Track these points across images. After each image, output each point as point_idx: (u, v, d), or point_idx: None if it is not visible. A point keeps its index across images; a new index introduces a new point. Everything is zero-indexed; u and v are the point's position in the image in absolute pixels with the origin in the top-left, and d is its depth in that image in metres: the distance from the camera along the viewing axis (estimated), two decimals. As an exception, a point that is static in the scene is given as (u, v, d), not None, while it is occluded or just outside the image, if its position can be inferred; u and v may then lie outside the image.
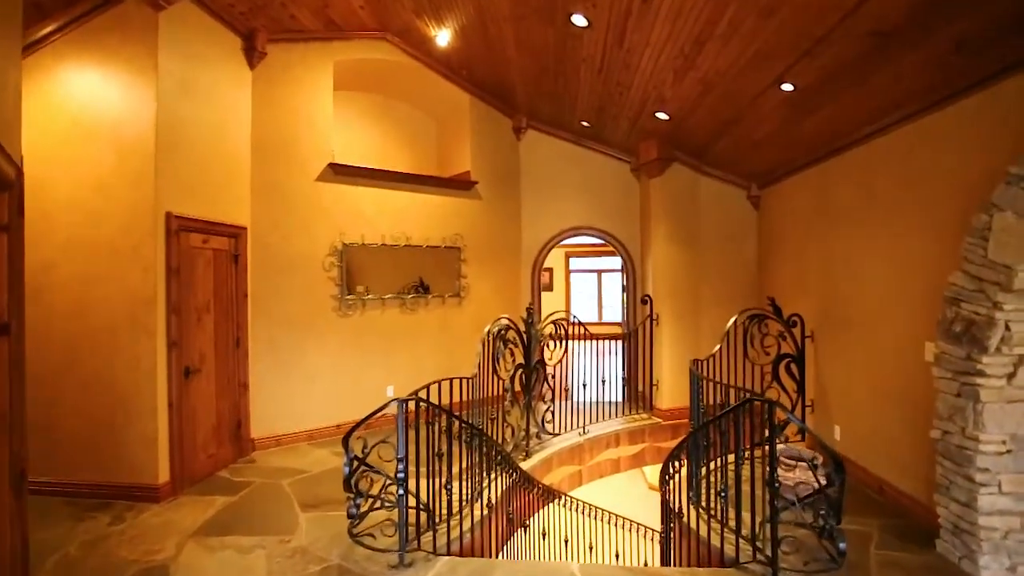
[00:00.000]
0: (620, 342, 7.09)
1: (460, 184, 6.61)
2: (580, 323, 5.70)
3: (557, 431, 5.39)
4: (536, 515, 4.68)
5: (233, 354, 4.83)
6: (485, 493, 3.61)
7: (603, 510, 5.09)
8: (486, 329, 4.25)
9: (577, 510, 5.00)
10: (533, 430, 5.02)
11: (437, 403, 3.28)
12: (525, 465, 4.68)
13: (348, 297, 5.74)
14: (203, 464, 4.30)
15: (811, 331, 4.76)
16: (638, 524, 5.12)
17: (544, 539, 4.56)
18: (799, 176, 5.25)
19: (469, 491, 3.47)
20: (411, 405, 3.00)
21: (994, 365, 2.70)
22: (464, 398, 4.21)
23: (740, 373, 4.61)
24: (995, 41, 2.63)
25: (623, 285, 7.33)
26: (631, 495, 5.79)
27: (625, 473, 6.08)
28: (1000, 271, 2.59)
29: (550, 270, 13.92)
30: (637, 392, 6.56)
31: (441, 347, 6.30)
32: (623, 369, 6.77)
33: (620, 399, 6.52)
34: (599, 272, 14.10)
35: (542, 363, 4.99)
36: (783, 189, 5.70)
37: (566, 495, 5.03)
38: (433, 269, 6.38)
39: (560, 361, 5.36)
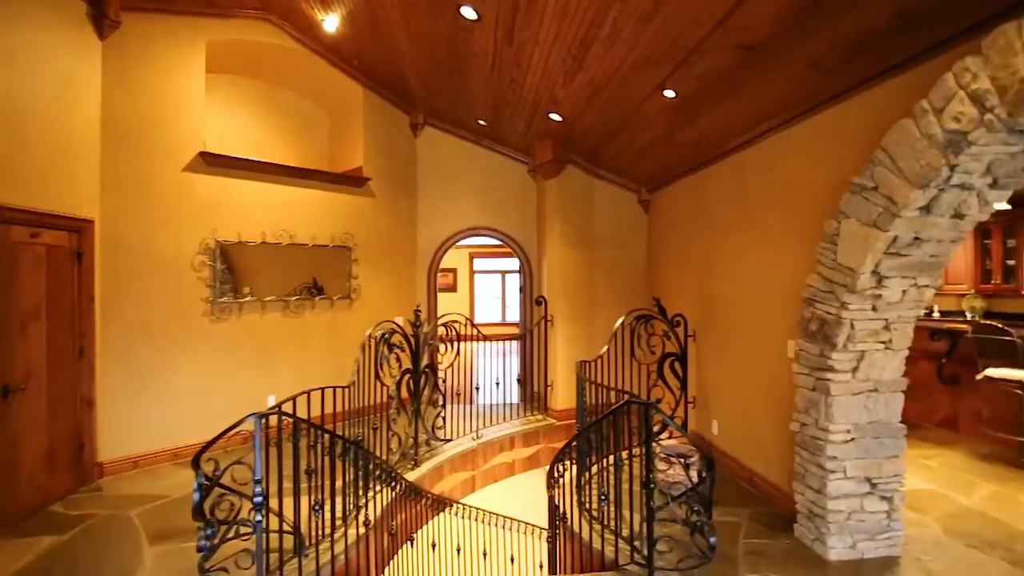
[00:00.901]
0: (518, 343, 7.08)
1: (351, 180, 6.28)
2: (474, 324, 5.58)
3: (449, 437, 5.23)
4: (425, 527, 4.49)
5: (74, 367, 4.19)
6: (362, 511, 3.37)
7: (496, 514, 5.00)
8: (367, 332, 4.00)
9: (470, 517, 4.88)
10: (422, 437, 4.83)
11: (307, 415, 3.02)
12: (414, 475, 4.47)
13: (222, 300, 5.23)
14: (28, 498, 3.65)
15: (693, 331, 4.98)
16: (532, 525, 5.09)
17: (434, 551, 4.39)
18: (682, 182, 5.50)
19: (343, 509, 3.22)
20: (279, 419, 2.71)
21: (842, 360, 2.92)
22: (345, 408, 3.95)
23: (628, 373, 4.72)
24: (843, 61, 2.84)
25: (520, 286, 7.33)
26: (531, 496, 5.76)
27: (524, 474, 6.05)
28: (846, 273, 2.80)
29: (454, 271, 13.76)
30: (533, 393, 6.57)
31: (330, 352, 5.93)
32: (519, 370, 6.76)
33: (517, 401, 6.50)
34: (503, 273, 14.14)
35: (432, 367, 4.81)
36: (669, 194, 5.95)
37: (458, 503, 4.89)
38: (321, 269, 6.00)
39: (452, 364, 5.22)
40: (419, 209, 7.09)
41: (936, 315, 6.83)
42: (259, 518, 2.52)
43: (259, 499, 2.52)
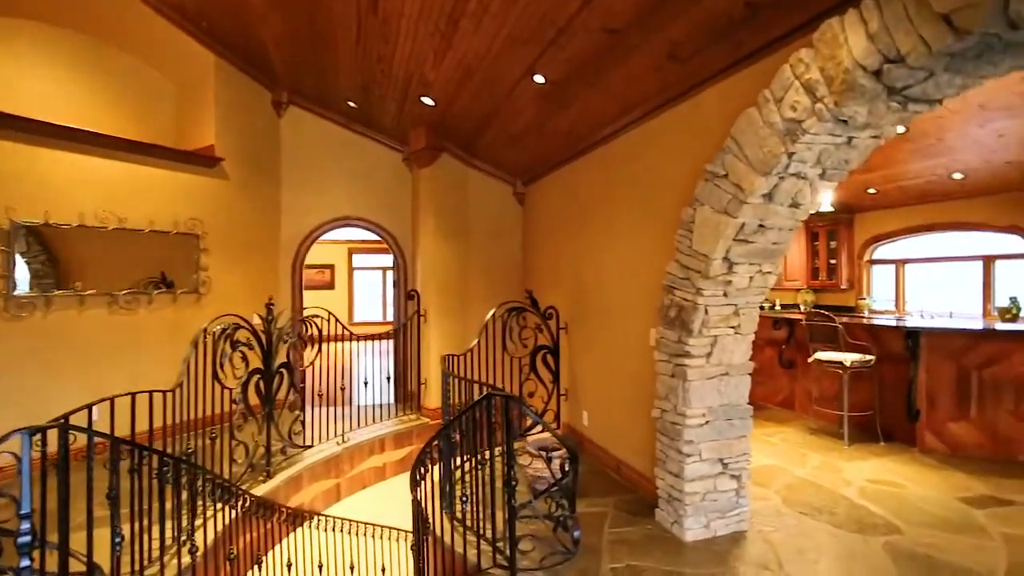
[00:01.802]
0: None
1: (200, 160, 5.54)
2: (339, 321, 5.16)
3: (309, 443, 4.75)
4: (279, 545, 4.03)
5: None
6: (190, 538, 2.88)
7: (364, 523, 4.65)
8: (203, 327, 3.46)
9: (334, 529, 4.48)
10: (277, 445, 4.32)
11: (111, 428, 2.51)
12: (265, 488, 3.97)
13: (21, 294, 4.32)
14: None
15: (565, 323, 5.00)
16: (404, 531, 4.80)
17: (290, 570, 3.95)
18: (555, 174, 5.52)
19: (160, 538, 2.71)
20: (61, 435, 2.19)
21: (697, 346, 3.00)
22: (182, 417, 3.38)
23: (500, 367, 4.61)
24: (699, 50, 2.91)
25: (394, 280, 6.99)
26: (405, 500, 5.43)
27: (396, 478, 5.71)
28: (701, 260, 2.87)
29: (331, 267, 12.93)
30: (407, 392, 6.26)
31: (171, 355, 5.09)
32: (393, 368, 6.42)
33: (392, 400, 6.16)
34: (384, 270, 13.55)
35: (288, 367, 4.33)
36: (543, 186, 5.96)
37: (320, 515, 4.46)
38: (168, 260, 5.24)
39: (312, 363, 4.76)
40: (283, 196, 6.46)
41: (778, 307, 7.58)
42: (26, 563, 2.00)
43: (25, 539, 1.98)
